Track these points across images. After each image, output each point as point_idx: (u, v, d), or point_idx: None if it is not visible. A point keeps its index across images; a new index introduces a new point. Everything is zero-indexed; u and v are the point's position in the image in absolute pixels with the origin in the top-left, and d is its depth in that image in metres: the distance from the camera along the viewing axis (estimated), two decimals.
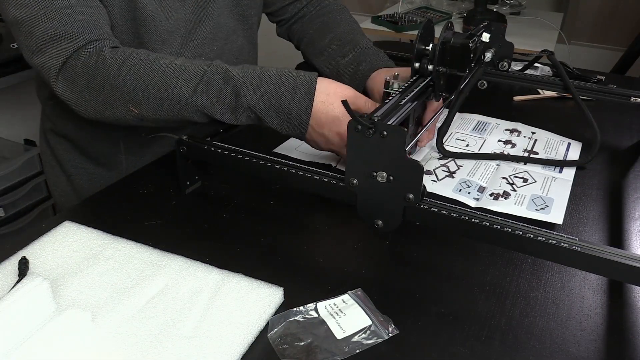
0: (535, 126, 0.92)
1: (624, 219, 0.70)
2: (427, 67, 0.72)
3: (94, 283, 0.55)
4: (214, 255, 0.60)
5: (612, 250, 0.49)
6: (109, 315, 0.51)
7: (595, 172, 0.80)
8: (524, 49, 1.72)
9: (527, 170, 0.79)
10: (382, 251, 0.63)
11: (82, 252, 0.60)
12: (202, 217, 0.68)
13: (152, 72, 0.68)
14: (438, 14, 2.09)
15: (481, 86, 0.91)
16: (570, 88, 0.88)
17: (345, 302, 0.54)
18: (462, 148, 0.85)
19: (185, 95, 0.67)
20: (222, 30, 0.89)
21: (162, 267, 0.57)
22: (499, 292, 0.57)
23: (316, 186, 0.61)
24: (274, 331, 0.51)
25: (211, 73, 0.68)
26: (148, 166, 0.80)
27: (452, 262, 0.61)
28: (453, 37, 0.74)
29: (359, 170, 0.56)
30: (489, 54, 0.89)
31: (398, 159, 0.53)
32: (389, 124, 0.56)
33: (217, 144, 0.68)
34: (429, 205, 0.55)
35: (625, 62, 2.01)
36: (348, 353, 0.49)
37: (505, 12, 2.05)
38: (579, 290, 0.57)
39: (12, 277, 0.55)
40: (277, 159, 0.64)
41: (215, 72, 0.68)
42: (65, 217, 0.66)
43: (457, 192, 0.73)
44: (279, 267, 0.60)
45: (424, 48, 0.74)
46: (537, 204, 0.70)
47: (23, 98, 1.85)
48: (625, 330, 0.53)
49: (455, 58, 0.74)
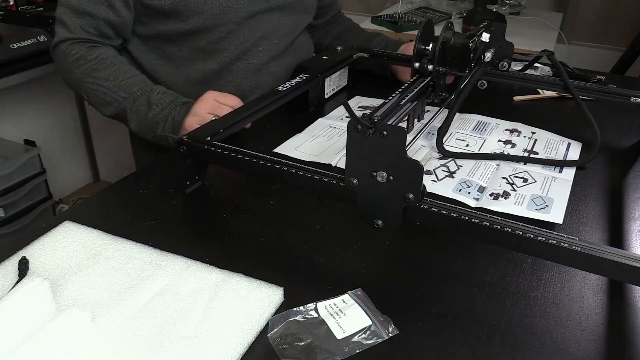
0: (535, 126, 0.92)
1: (624, 219, 0.70)
2: (427, 67, 0.72)
3: (94, 283, 0.55)
4: (214, 255, 0.60)
5: (612, 250, 0.49)
6: (109, 315, 0.51)
7: (595, 172, 0.80)
8: (524, 49, 1.72)
9: (527, 170, 0.79)
10: (382, 251, 0.63)
11: (82, 252, 0.60)
12: (202, 217, 0.68)
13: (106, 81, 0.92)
14: (438, 14, 2.09)
15: (481, 86, 0.91)
16: (570, 88, 0.88)
17: (345, 302, 0.54)
18: (462, 148, 0.85)
19: None
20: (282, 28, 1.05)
21: (162, 267, 0.57)
22: (499, 292, 0.57)
23: (316, 186, 0.61)
24: (274, 331, 0.51)
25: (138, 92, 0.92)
26: (148, 166, 0.80)
27: (452, 262, 0.61)
28: (453, 37, 0.74)
29: (359, 170, 0.56)
30: (489, 54, 0.89)
31: (398, 159, 0.53)
32: (389, 123, 0.56)
33: (217, 143, 0.68)
34: (429, 205, 0.55)
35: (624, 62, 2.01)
36: (348, 353, 0.49)
37: (505, 12, 2.05)
38: (579, 290, 0.57)
39: (12, 277, 0.55)
40: (277, 159, 0.64)
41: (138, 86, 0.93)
42: (65, 217, 0.66)
43: (457, 192, 0.73)
44: (279, 267, 0.60)
45: (424, 48, 0.74)
46: (537, 203, 0.70)
47: (23, 98, 1.85)
48: (625, 330, 0.53)
49: (455, 58, 0.74)
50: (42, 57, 1.42)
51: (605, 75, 1.13)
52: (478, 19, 1.87)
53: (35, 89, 1.85)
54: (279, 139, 0.86)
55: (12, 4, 1.67)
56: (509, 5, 2.08)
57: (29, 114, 1.90)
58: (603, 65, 2.09)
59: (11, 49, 1.41)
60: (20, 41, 1.43)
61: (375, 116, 0.55)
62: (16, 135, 1.75)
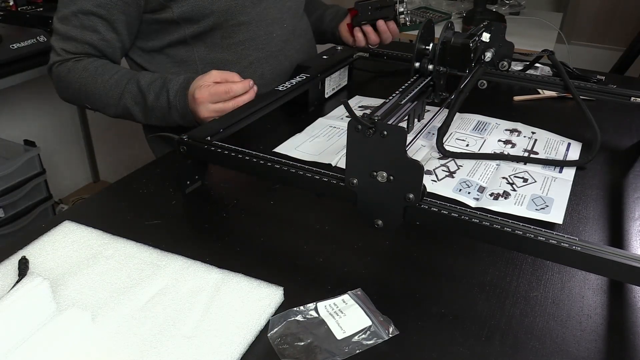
0: (535, 126, 0.92)
1: (624, 219, 0.70)
2: (428, 67, 0.72)
3: (94, 283, 0.55)
4: (214, 255, 0.60)
5: (612, 250, 0.49)
6: (109, 315, 0.51)
7: (595, 172, 0.80)
8: (524, 49, 1.72)
9: (527, 170, 0.79)
10: (382, 251, 0.63)
11: (82, 252, 0.60)
12: (202, 217, 0.68)
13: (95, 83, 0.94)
14: (438, 14, 2.09)
15: (481, 86, 0.91)
16: (570, 88, 0.88)
17: (345, 302, 0.54)
18: (462, 148, 0.85)
19: None
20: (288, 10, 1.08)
21: (162, 267, 0.57)
22: (499, 292, 0.57)
23: (316, 186, 0.61)
24: (274, 331, 0.51)
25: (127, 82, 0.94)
26: (148, 166, 0.80)
27: (452, 262, 0.61)
28: (453, 37, 0.74)
29: (359, 170, 0.56)
30: (489, 53, 0.89)
31: (398, 159, 0.53)
32: (389, 123, 0.56)
33: (217, 143, 0.68)
34: (429, 205, 0.55)
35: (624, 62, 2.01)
36: (348, 353, 0.49)
37: (505, 12, 2.05)
38: (579, 290, 0.57)
39: (12, 277, 0.55)
40: (277, 158, 0.64)
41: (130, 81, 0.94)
42: (65, 217, 0.66)
43: (457, 192, 0.73)
44: (279, 267, 0.60)
45: (424, 48, 0.74)
46: (537, 204, 0.70)
47: (23, 98, 1.85)
48: (625, 330, 0.53)
49: (455, 58, 0.74)
50: (42, 57, 1.42)
51: (605, 75, 1.13)
52: (478, 19, 1.87)
53: (35, 89, 1.85)
54: (279, 139, 0.86)
55: (12, 4, 1.67)
56: (508, 5, 2.08)
57: (29, 114, 1.90)
58: (603, 65, 2.09)
59: (11, 49, 1.41)
60: (20, 41, 1.43)
61: (375, 116, 0.55)
62: (16, 135, 1.75)
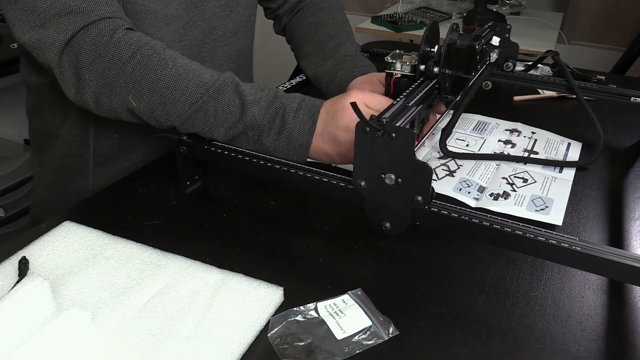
0: (535, 126, 0.92)
1: (624, 219, 0.70)
2: (433, 70, 0.72)
3: (94, 283, 0.55)
4: (214, 255, 0.60)
5: (612, 250, 0.49)
6: (109, 315, 0.51)
7: (595, 172, 0.80)
8: (524, 49, 1.72)
9: (527, 170, 0.79)
10: (382, 251, 0.63)
11: (82, 252, 0.60)
12: (202, 217, 0.68)
13: (165, 68, 0.65)
14: (438, 14, 2.09)
15: (486, 87, 0.91)
16: (574, 89, 0.88)
17: (345, 302, 0.54)
18: (462, 148, 0.85)
19: (191, 100, 0.66)
20: (214, 32, 0.86)
21: (162, 267, 0.57)
22: (499, 292, 0.57)
23: (316, 186, 0.61)
24: (274, 331, 0.51)
25: (223, 82, 0.67)
26: (148, 166, 0.80)
27: (452, 262, 0.61)
28: (459, 39, 0.73)
29: (367, 172, 0.56)
30: (494, 54, 0.89)
31: (407, 161, 0.53)
32: (398, 125, 0.56)
33: (217, 143, 0.68)
34: (438, 208, 0.55)
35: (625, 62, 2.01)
36: (348, 353, 0.49)
37: (505, 12, 2.05)
38: (579, 290, 0.57)
39: (12, 277, 0.55)
40: (277, 158, 0.64)
41: (227, 82, 0.67)
42: (65, 217, 0.66)
43: (457, 191, 0.73)
44: (279, 267, 0.60)
45: (429, 50, 0.73)
46: (537, 204, 0.70)
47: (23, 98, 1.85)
48: (625, 330, 0.53)
49: (461, 60, 0.73)
50: None
51: (605, 75, 1.13)
52: (478, 19, 1.87)
53: None
54: None
55: None
56: (509, 5, 2.08)
57: None
58: (603, 65, 2.09)
59: (11, 49, 1.42)
60: None
61: (383, 118, 0.55)
62: (16, 135, 1.75)
